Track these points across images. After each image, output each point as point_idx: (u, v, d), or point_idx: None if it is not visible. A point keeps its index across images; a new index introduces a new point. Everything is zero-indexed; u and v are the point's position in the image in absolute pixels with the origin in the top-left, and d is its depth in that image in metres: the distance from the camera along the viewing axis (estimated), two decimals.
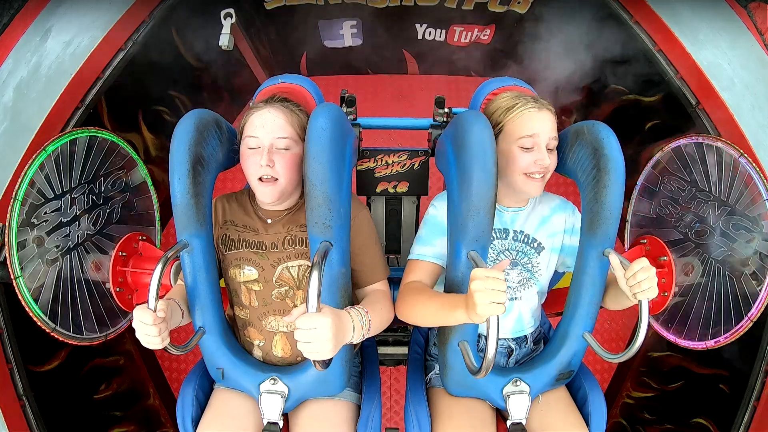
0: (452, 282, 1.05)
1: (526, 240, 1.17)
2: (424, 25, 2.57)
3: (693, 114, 1.77)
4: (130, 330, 1.29)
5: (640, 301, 0.97)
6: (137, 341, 0.92)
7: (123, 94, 1.88)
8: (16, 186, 1.09)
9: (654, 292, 0.96)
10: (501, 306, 0.82)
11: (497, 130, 1.11)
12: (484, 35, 2.61)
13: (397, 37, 2.64)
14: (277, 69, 2.80)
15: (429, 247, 1.13)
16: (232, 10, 1.83)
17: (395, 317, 1.12)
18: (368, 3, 2.40)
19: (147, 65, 1.95)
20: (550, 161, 1.07)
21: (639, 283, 0.96)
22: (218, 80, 2.54)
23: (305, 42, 2.66)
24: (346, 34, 2.63)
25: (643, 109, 2.09)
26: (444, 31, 2.59)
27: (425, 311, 1.03)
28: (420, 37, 2.64)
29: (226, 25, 1.82)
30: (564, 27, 2.17)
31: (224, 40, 1.80)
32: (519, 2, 2.37)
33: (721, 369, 1.61)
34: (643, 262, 0.97)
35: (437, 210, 1.15)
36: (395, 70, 2.88)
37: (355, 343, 0.98)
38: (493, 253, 1.16)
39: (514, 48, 2.55)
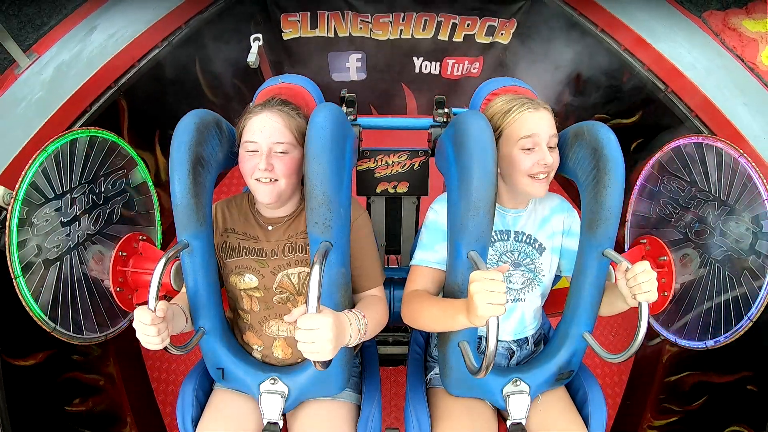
0: (452, 283, 1.05)
1: (527, 241, 1.17)
2: (421, 58, 2.78)
3: (665, 99, 1.85)
4: (117, 352, 1.29)
5: (639, 303, 0.97)
6: (121, 365, 0.91)
7: (143, 109, 1.96)
8: (17, 186, 1.09)
9: (654, 296, 0.97)
10: (501, 307, 0.83)
11: (497, 134, 1.11)
12: (474, 68, 2.81)
13: (397, 72, 2.85)
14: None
15: (431, 253, 1.13)
16: (260, 35, 2.06)
17: (398, 317, 1.12)
18: (372, 36, 2.61)
19: (168, 86, 2.06)
20: (552, 159, 1.07)
21: (639, 284, 0.97)
22: (231, 117, 2.59)
23: (315, 74, 2.78)
24: (352, 68, 2.82)
25: (626, 130, 2.18)
26: (438, 63, 2.80)
27: (429, 318, 1.04)
28: (417, 70, 2.84)
29: (254, 46, 2.04)
30: (543, 53, 2.32)
31: (251, 58, 2.01)
32: (502, 33, 2.59)
33: (743, 371, 1.57)
34: (645, 265, 0.98)
35: (437, 214, 1.15)
36: (395, 105, 3.07)
37: (352, 345, 0.98)
38: (496, 255, 1.16)
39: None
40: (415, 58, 2.78)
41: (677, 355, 1.84)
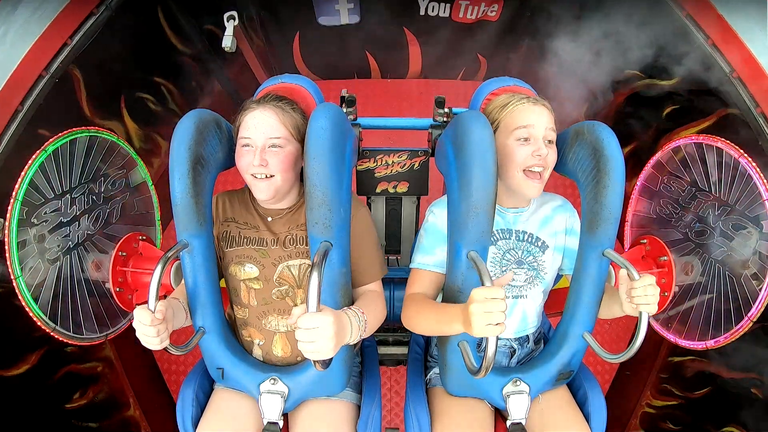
0: (452, 284, 1.05)
1: (530, 240, 1.17)
2: None
3: (727, 85, 1.53)
4: (122, 333, 1.24)
5: (640, 311, 0.97)
6: (117, 347, 0.90)
7: (102, 75, 1.76)
8: (17, 186, 1.09)
9: (655, 308, 0.97)
10: (499, 327, 0.82)
11: (494, 127, 1.11)
12: (492, 11, 2.39)
13: (397, 13, 2.44)
14: (270, 57, 2.65)
15: (430, 256, 1.13)
16: (234, 13, 1.82)
17: (398, 317, 1.12)
18: None
19: (127, 44, 1.84)
20: (548, 152, 1.06)
21: (646, 296, 0.96)
22: (209, 67, 2.41)
23: (298, 20, 2.46)
24: (342, 10, 2.40)
25: (660, 94, 1.90)
26: (448, 5, 2.38)
27: (426, 323, 1.04)
28: (422, 12, 2.43)
29: (229, 27, 1.82)
30: (575, 5, 1.97)
31: (227, 42, 1.81)
32: None
33: (751, 372, 1.49)
34: (653, 279, 0.97)
35: (436, 217, 1.15)
36: (395, 52, 2.68)
37: (352, 343, 0.98)
38: (499, 253, 1.16)
39: (524, 28, 2.37)
40: None
41: None
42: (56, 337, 1.17)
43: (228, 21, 1.82)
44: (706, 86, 1.60)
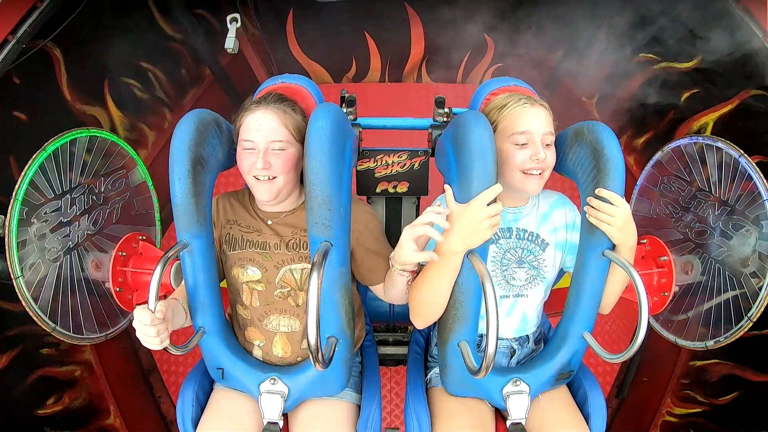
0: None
1: (530, 238, 1.17)
2: None
3: (761, 50, 1.38)
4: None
5: (639, 302, 0.97)
6: (99, 351, 0.88)
7: (84, 56, 1.66)
8: (17, 186, 1.09)
9: (609, 229, 1.01)
10: (492, 229, 0.95)
11: (492, 128, 1.10)
12: None
13: None
14: (263, 41, 2.52)
15: None
16: (237, 15, 1.80)
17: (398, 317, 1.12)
18: None
19: (111, 25, 1.72)
20: (546, 156, 1.06)
21: (611, 217, 1.00)
22: (200, 55, 2.30)
23: None
24: None
25: (678, 78, 1.79)
26: None
27: (426, 288, 1.04)
28: None
29: (232, 29, 1.80)
30: None
31: (230, 44, 1.80)
32: None
33: None
34: (626, 211, 1.01)
35: None
36: (396, 33, 2.54)
37: (405, 276, 1.05)
38: (500, 252, 1.16)
39: (535, 4, 2.17)
40: None
41: None
42: (56, 336, 1.17)
43: (231, 23, 1.79)
44: (735, 58, 1.44)
